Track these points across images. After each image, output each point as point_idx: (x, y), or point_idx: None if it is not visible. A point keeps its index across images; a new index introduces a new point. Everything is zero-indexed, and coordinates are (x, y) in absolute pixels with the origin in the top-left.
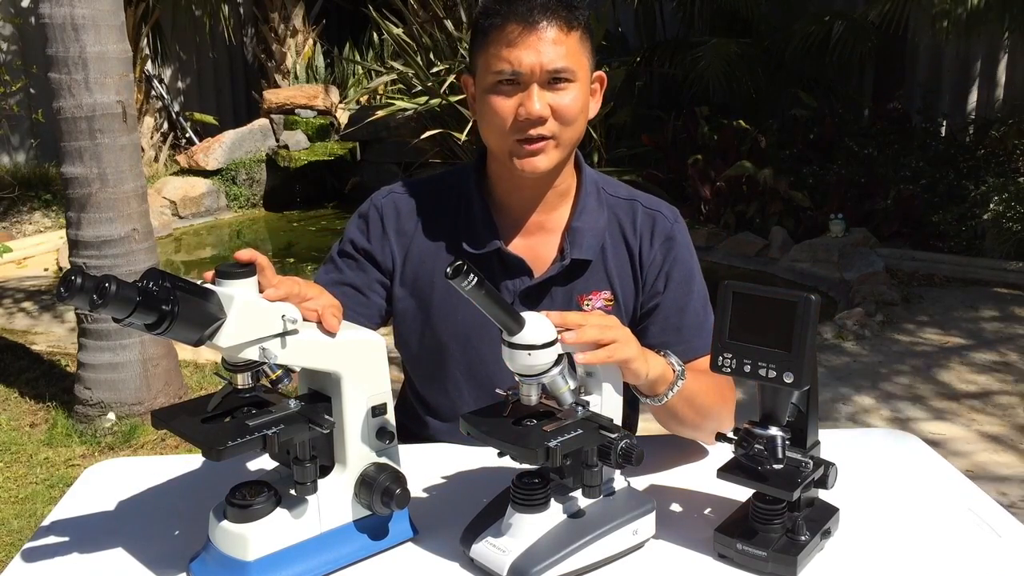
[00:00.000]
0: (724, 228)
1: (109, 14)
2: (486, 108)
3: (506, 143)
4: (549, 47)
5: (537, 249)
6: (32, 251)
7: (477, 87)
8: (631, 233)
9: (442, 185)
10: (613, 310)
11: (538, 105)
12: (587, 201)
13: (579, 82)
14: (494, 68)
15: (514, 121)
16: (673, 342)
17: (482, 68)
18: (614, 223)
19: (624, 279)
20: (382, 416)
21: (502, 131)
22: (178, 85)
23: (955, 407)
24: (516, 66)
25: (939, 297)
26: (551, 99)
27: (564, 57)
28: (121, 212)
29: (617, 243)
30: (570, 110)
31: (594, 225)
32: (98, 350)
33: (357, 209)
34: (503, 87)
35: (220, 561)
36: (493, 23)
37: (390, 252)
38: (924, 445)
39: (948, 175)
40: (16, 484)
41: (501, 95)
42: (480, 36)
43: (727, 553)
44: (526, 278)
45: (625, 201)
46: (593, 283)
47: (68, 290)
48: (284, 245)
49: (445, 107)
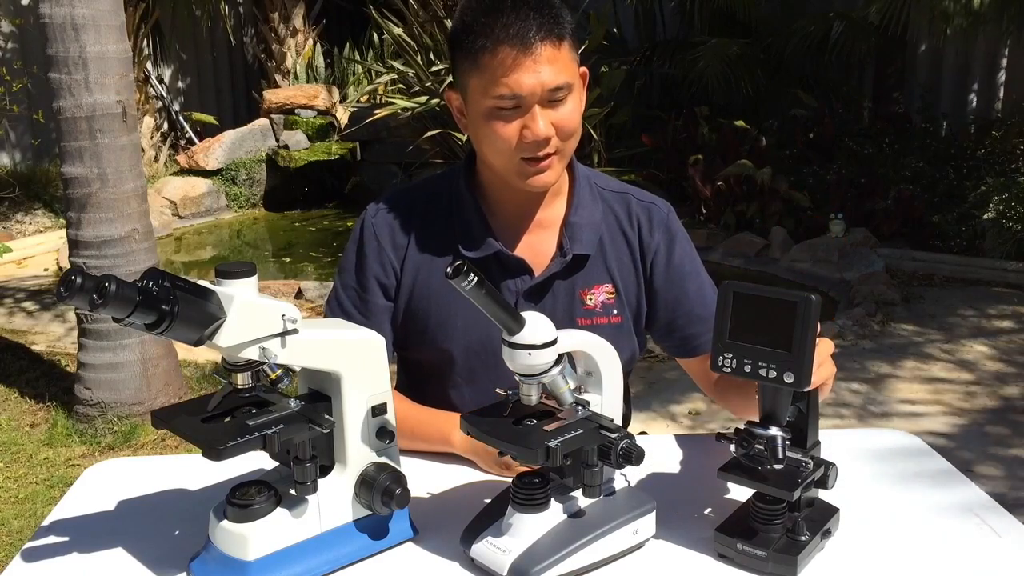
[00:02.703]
0: (724, 228)
1: (109, 14)
2: (487, 132)
3: (512, 164)
4: (546, 67)
5: (535, 247)
6: (32, 251)
7: (471, 108)
8: (628, 225)
9: (432, 190)
10: (615, 303)
11: (543, 127)
12: (582, 196)
13: (576, 89)
14: (493, 94)
15: (519, 143)
16: (703, 331)
17: (476, 91)
18: (610, 216)
19: (624, 271)
20: (382, 416)
21: (507, 153)
22: (178, 85)
23: (956, 407)
24: (516, 90)
25: (939, 297)
26: (552, 116)
27: (561, 72)
28: (121, 212)
29: (615, 235)
30: (571, 122)
31: (591, 219)
32: (98, 350)
33: (351, 236)
34: (503, 112)
35: (220, 561)
36: (483, 45)
37: (392, 269)
38: (924, 445)
39: (948, 175)
40: (16, 484)
41: (502, 120)
42: (468, 57)
43: (727, 553)
44: (527, 277)
45: (617, 194)
46: (594, 277)
47: (68, 290)
48: (284, 245)
49: (445, 107)
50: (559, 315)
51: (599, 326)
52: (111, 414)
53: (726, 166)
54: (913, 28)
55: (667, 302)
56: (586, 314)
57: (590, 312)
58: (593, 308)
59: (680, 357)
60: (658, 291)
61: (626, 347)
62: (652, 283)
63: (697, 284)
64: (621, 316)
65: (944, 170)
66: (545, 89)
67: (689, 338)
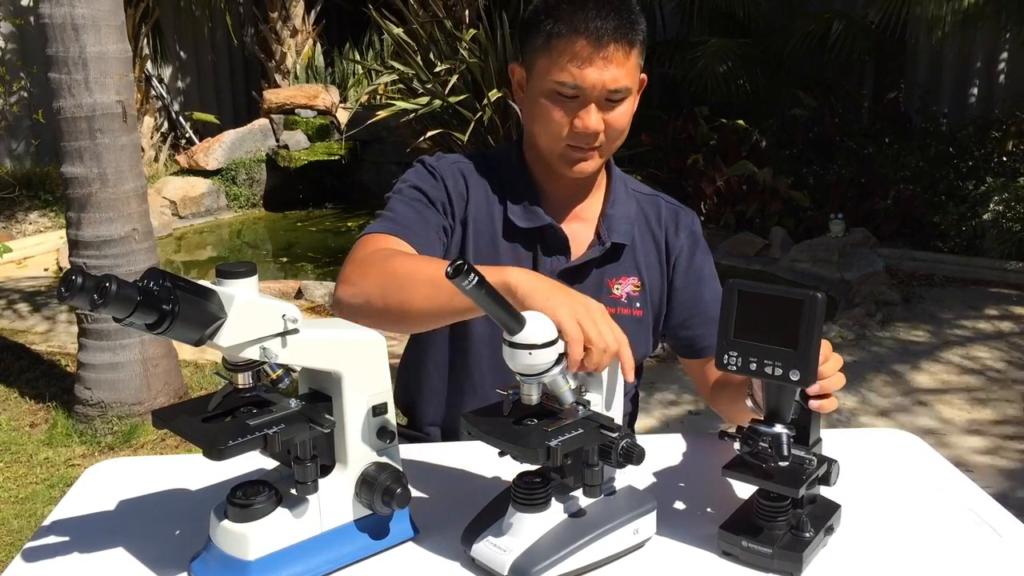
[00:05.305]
0: (724, 228)
1: (109, 14)
2: (542, 111)
3: (557, 147)
4: (613, 68)
5: (575, 233)
6: (32, 251)
7: (532, 84)
8: (656, 225)
9: (487, 162)
10: (639, 296)
11: (594, 121)
12: (618, 192)
13: (633, 94)
14: (557, 78)
15: (569, 131)
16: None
17: (541, 70)
18: (640, 215)
19: (651, 268)
20: (383, 415)
21: (556, 137)
22: (178, 85)
23: (956, 407)
24: (580, 82)
25: (939, 297)
26: (606, 114)
27: (625, 76)
28: (121, 212)
29: (644, 233)
30: (621, 123)
31: (627, 213)
32: (98, 350)
33: (410, 169)
34: (562, 98)
35: (221, 561)
36: (559, 31)
37: (454, 204)
38: (925, 444)
39: (948, 175)
40: (16, 484)
41: (559, 105)
42: (542, 37)
43: (732, 551)
44: (563, 259)
45: (648, 196)
46: (623, 269)
47: (68, 290)
48: (284, 245)
49: (446, 107)
50: None
51: (621, 316)
52: (111, 414)
53: (726, 166)
54: (912, 28)
55: (683, 300)
56: (611, 303)
57: (615, 301)
58: (619, 298)
59: (685, 357)
60: (677, 288)
61: (641, 343)
62: (673, 281)
63: (713, 289)
64: (643, 311)
65: (944, 170)
66: (606, 88)
67: (697, 339)
